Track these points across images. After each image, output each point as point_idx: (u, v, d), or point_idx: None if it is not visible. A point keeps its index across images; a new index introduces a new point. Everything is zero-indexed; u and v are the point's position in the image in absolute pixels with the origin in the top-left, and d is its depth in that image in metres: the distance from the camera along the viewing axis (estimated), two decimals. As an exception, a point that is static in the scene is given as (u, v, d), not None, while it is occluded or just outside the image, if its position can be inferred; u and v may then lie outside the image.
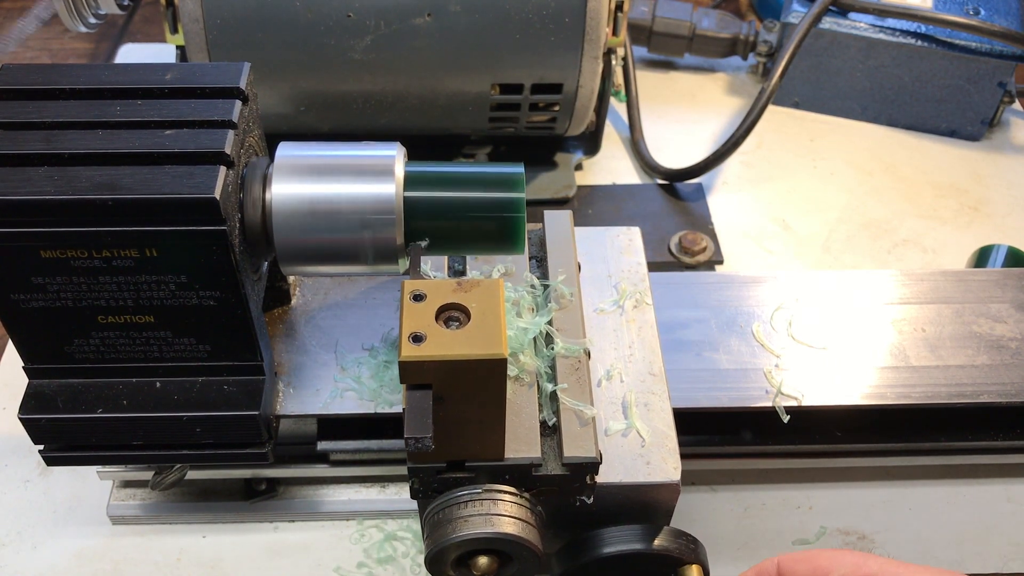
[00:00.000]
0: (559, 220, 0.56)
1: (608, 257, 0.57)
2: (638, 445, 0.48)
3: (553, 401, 0.48)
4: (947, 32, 0.82)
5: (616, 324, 0.54)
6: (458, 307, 0.41)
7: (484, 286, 0.42)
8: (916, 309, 0.59)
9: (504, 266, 0.54)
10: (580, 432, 0.46)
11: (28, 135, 0.41)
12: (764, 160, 0.85)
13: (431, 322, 0.40)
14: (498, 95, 0.70)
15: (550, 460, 0.46)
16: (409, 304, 0.41)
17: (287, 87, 0.68)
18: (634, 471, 0.47)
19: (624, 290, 0.55)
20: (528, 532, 0.45)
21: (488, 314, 0.40)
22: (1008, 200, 0.82)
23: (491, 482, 0.46)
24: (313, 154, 0.46)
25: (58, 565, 0.56)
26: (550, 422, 0.47)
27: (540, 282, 0.53)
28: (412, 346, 0.39)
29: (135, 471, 0.56)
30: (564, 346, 0.50)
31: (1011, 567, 0.58)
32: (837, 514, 0.60)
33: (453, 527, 0.45)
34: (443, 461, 0.45)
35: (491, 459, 0.45)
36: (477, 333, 0.40)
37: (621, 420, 0.49)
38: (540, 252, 0.55)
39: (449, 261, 0.54)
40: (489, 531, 0.44)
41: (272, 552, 0.57)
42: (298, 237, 0.45)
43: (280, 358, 0.52)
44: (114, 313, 0.44)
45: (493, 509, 0.45)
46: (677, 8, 0.89)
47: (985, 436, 0.58)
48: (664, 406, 0.50)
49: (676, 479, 0.47)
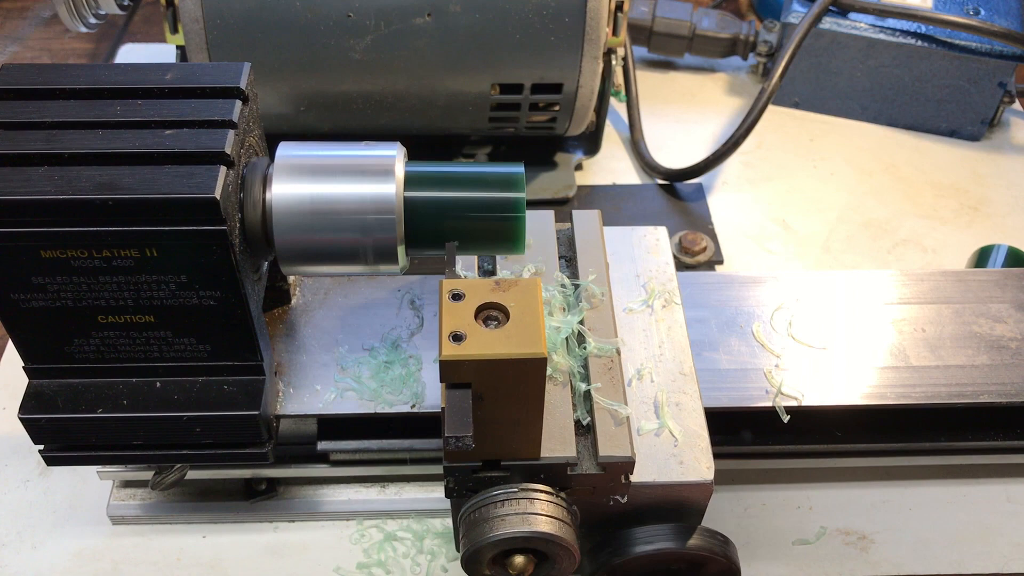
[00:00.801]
0: (588, 220, 0.57)
1: (636, 256, 0.58)
2: (671, 445, 0.48)
3: (586, 400, 0.48)
4: (947, 32, 0.82)
5: (645, 323, 0.54)
6: (497, 306, 0.41)
7: (522, 285, 0.42)
8: (916, 309, 0.59)
9: (534, 265, 0.54)
10: (615, 432, 0.47)
11: (28, 135, 0.41)
12: (764, 160, 0.85)
13: (470, 321, 0.40)
14: (498, 95, 0.70)
15: (585, 459, 0.46)
16: (448, 303, 0.41)
17: (287, 87, 0.68)
18: (667, 470, 0.48)
19: (653, 289, 0.56)
20: (565, 531, 0.45)
21: (527, 313, 0.41)
22: (1008, 200, 0.82)
23: (526, 481, 0.46)
24: (313, 154, 0.46)
25: (58, 565, 0.56)
26: (584, 421, 0.47)
27: (571, 281, 0.53)
28: (452, 345, 0.40)
29: (135, 471, 0.56)
30: (596, 345, 0.50)
31: (1011, 567, 0.58)
32: (837, 514, 0.60)
33: (490, 526, 0.45)
34: (479, 460, 0.45)
35: (527, 458, 0.45)
36: (516, 332, 0.40)
37: (653, 420, 0.49)
38: (569, 252, 0.56)
39: (479, 261, 0.55)
40: (527, 530, 0.44)
41: (272, 552, 0.57)
42: (298, 237, 0.45)
43: (280, 358, 0.52)
44: (114, 313, 0.44)
45: (530, 508, 0.45)
46: (677, 8, 0.89)
47: (985, 436, 0.58)
48: (695, 406, 0.50)
49: (709, 479, 0.47)
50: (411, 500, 0.58)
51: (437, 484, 0.59)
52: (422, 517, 0.58)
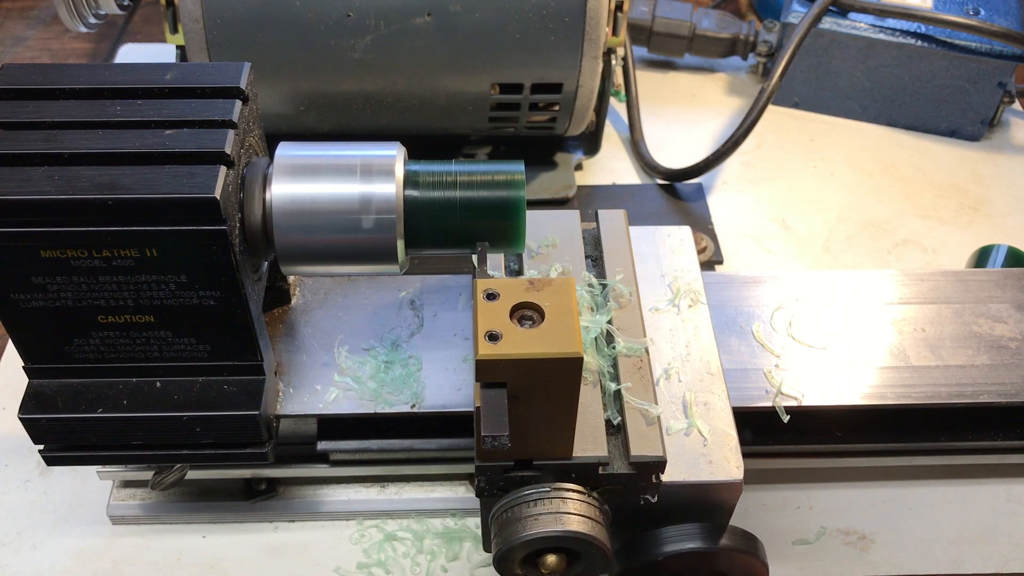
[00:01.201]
0: (614, 219, 0.57)
1: (660, 256, 0.58)
2: (700, 444, 0.49)
3: (616, 400, 0.48)
4: (947, 32, 0.82)
5: (672, 323, 0.54)
6: (531, 306, 0.41)
7: (556, 285, 0.42)
8: (916, 309, 0.59)
9: (561, 265, 0.54)
10: (646, 431, 0.47)
11: (28, 135, 0.41)
12: (764, 160, 0.85)
13: (505, 321, 0.41)
14: (498, 95, 0.70)
15: (616, 459, 0.46)
16: (483, 303, 0.41)
17: (287, 87, 0.68)
18: (697, 470, 0.48)
19: (678, 289, 0.56)
20: (598, 531, 0.45)
21: (562, 313, 0.41)
22: (1008, 200, 0.82)
23: (557, 481, 0.46)
24: (313, 154, 0.46)
25: (58, 565, 0.56)
26: (615, 421, 0.48)
27: (598, 281, 0.53)
28: (489, 344, 0.40)
29: (135, 471, 0.56)
30: (625, 345, 0.50)
31: (1011, 567, 0.58)
32: (837, 514, 0.60)
33: (523, 525, 0.45)
34: (511, 460, 0.45)
35: (559, 457, 0.45)
36: (552, 332, 0.40)
37: (681, 419, 0.50)
38: (595, 251, 0.56)
39: (506, 261, 0.55)
40: (560, 530, 0.45)
41: (272, 552, 0.57)
42: (298, 237, 0.45)
43: (280, 358, 0.52)
44: (114, 313, 0.44)
45: (563, 508, 0.45)
46: (677, 8, 0.89)
47: (985, 436, 0.58)
48: (724, 405, 0.50)
49: (739, 478, 0.47)
50: (411, 500, 0.58)
51: (437, 484, 0.59)
52: (422, 517, 0.58)
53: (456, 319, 0.55)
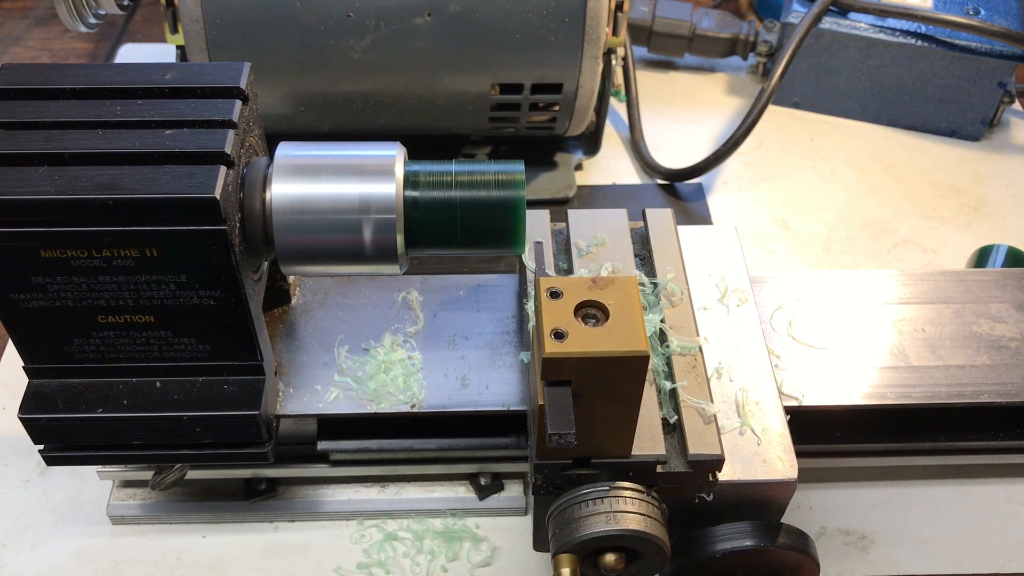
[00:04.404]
0: (661, 218, 0.57)
1: (708, 255, 0.58)
2: (753, 443, 0.49)
3: (672, 399, 0.48)
4: (947, 32, 0.82)
5: (721, 322, 0.54)
6: (595, 304, 0.42)
7: (619, 284, 0.42)
8: (916, 309, 0.59)
9: (611, 264, 0.54)
10: (703, 430, 0.47)
11: (28, 135, 0.41)
12: (764, 160, 0.85)
13: (570, 319, 0.41)
14: (498, 95, 0.70)
15: (673, 457, 0.47)
16: (547, 301, 0.41)
17: (287, 87, 0.68)
18: (752, 469, 0.48)
19: (726, 288, 0.56)
20: (657, 529, 0.46)
21: (626, 311, 0.41)
22: (1008, 200, 0.82)
23: (614, 479, 0.46)
24: (313, 154, 0.46)
25: (58, 565, 0.56)
26: (671, 419, 0.48)
27: (649, 280, 0.53)
28: (555, 342, 0.40)
29: (135, 471, 0.56)
30: (679, 344, 0.50)
31: (1011, 567, 0.58)
32: (837, 514, 0.60)
33: (584, 524, 0.45)
34: (570, 458, 0.45)
35: (618, 456, 0.45)
36: (617, 330, 0.40)
37: (734, 418, 0.50)
38: (643, 251, 0.56)
39: (555, 260, 0.55)
40: (621, 528, 0.45)
41: (272, 552, 0.57)
42: (298, 237, 0.45)
43: (280, 358, 0.52)
44: (114, 313, 0.44)
45: (624, 507, 0.45)
46: (677, 8, 0.89)
47: (985, 436, 0.58)
48: (775, 404, 0.50)
49: (793, 476, 0.48)
50: (411, 500, 0.58)
51: (437, 484, 0.59)
52: (422, 517, 0.58)
53: (456, 319, 0.55)
